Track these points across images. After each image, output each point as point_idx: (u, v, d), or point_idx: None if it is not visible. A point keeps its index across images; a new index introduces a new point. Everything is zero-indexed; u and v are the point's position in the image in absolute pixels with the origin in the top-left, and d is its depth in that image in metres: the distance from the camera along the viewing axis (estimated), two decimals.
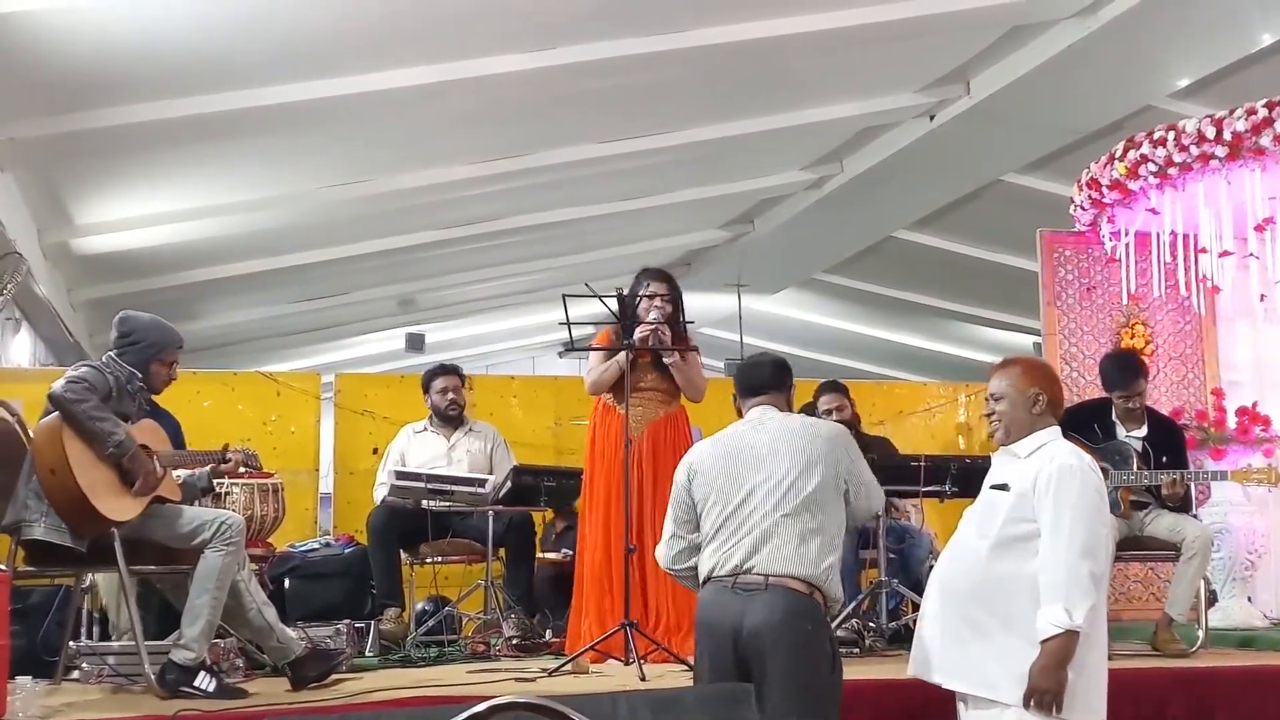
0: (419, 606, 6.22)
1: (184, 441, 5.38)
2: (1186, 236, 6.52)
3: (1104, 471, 3.49)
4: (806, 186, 10.42)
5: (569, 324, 5.11)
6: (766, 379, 3.87)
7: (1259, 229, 6.24)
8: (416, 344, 13.55)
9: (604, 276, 7.42)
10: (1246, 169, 6.00)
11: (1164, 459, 5.45)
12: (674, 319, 5.30)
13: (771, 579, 3.47)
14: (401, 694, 4.11)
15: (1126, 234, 6.66)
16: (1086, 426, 5.44)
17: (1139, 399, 5.63)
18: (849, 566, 5.47)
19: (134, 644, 4.44)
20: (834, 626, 4.46)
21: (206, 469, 4.78)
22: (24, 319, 8.75)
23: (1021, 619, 3.24)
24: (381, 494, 6.09)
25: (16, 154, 6.79)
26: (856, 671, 4.32)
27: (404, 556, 6.03)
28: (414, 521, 5.89)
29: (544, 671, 4.65)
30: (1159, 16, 6.91)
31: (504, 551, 6.01)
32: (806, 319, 14.72)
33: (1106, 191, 6.51)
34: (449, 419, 6.36)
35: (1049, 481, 3.28)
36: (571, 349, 5.40)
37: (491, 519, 5.80)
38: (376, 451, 7.01)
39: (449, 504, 5.85)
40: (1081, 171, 6.81)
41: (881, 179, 9.74)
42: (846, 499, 3.69)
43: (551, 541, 6.86)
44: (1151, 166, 6.20)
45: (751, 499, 3.58)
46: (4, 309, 7.62)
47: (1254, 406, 6.86)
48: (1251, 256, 6.36)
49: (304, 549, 6.25)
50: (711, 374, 6.05)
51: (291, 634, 4.53)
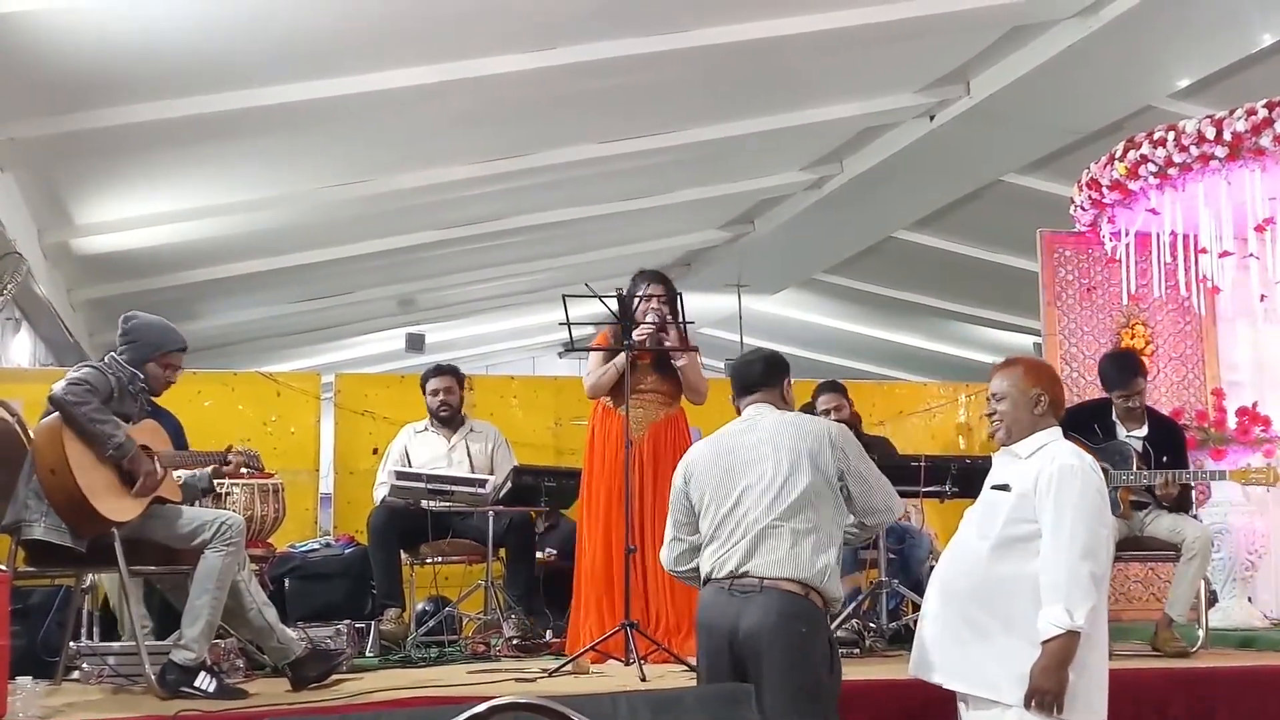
0: (419, 607, 6.23)
1: (186, 441, 5.39)
2: (1186, 237, 6.52)
3: (1104, 472, 3.48)
4: (807, 187, 10.41)
5: (569, 324, 5.10)
6: (758, 377, 3.84)
7: (1259, 229, 6.23)
8: (416, 344, 13.54)
9: (604, 277, 7.40)
10: (1246, 169, 6.00)
11: (1164, 459, 5.44)
12: (672, 320, 5.30)
13: (766, 582, 3.47)
14: (402, 694, 4.11)
15: (1127, 234, 6.66)
16: (1087, 427, 5.43)
17: (1139, 398, 5.63)
18: (849, 567, 5.47)
19: (134, 644, 4.44)
20: (834, 627, 4.47)
21: (208, 470, 4.77)
22: (24, 319, 8.75)
23: (1022, 619, 3.23)
24: (382, 494, 6.09)
25: (17, 154, 6.78)
26: (857, 672, 4.33)
27: (404, 557, 6.03)
28: (414, 522, 5.89)
29: (544, 672, 4.65)
30: (1159, 17, 6.91)
31: (504, 552, 6.01)
32: (807, 319, 14.71)
33: (1107, 192, 6.51)
34: (442, 420, 6.36)
35: (1050, 482, 3.28)
36: (571, 349, 5.40)
37: (492, 519, 5.80)
38: (376, 452, 7.01)
39: (449, 504, 5.85)
40: (1081, 172, 6.80)
41: (882, 179, 9.74)
42: (847, 496, 3.64)
43: (534, 541, 6.84)
44: (1151, 167, 6.19)
45: (744, 500, 3.57)
46: (4, 309, 7.62)
47: (1254, 407, 6.86)
48: (1251, 257, 6.36)
49: (304, 549, 6.26)
50: (711, 374, 6.04)
51: (292, 634, 4.54)
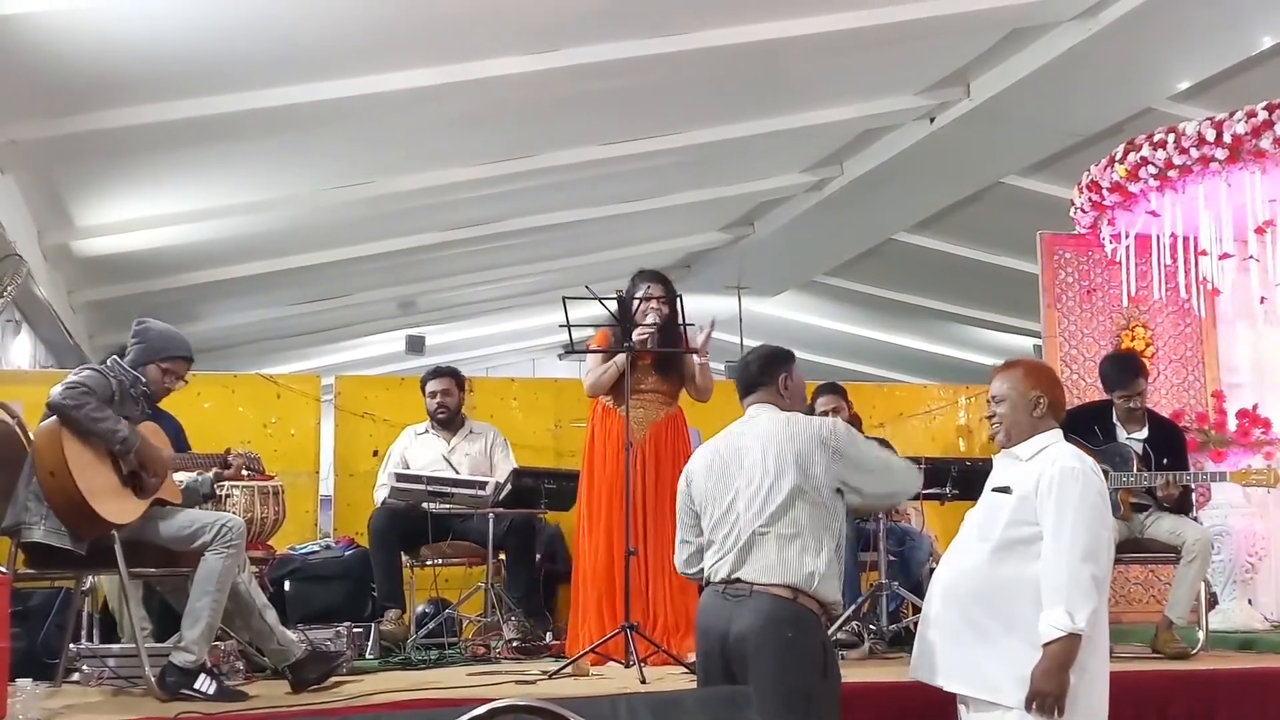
0: (419, 609, 6.22)
1: (186, 443, 5.39)
2: (1187, 239, 6.52)
3: (1104, 473, 3.48)
4: (807, 189, 10.42)
5: (569, 326, 5.10)
6: (754, 375, 3.79)
7: (1259, 231, 6.24)
8: (417, 346, 13.55)
9: (605, 279, 7.39)
10: (1246, 171, 6.01)
11: (1165, 461, 5.44)
12: (671, 320, 5.29)
13: (756, 587, 3.46)
14: (402, 696, 4.11)
15: (1127, 236, 6.66)
16: (1087, 429, 5.43)
17: (1139, 399, 5.63)
18: (849, 569, 5.46)
19: (134, 646, 4.44)
20: (833, 629, 4.46)
21: (210, 475, 4.77)
22: (24, 321, 8.75)
23: (1023, 622, 3.23)
24: (382, 496, 6.09)
25: (17, 155, 6.79)
26: (857, 674, 4.34)
27: (404, 559, 6.02)
28: (415, 524, 5.89)
29: (544, 674, 4.64)
30: (1159, 19, 6.91)
31: (504, 554, 6.00)
32: (807, 321, 14.71)
33: (1107, 194, 6.51)
34: (440, 422, 6.36)
35: (1051, 484, 3.28)
36: (572, 351, 5.40)
37: (492, 521, 5.80)
38: (377, 454, 7.00)
39: (449, 506, 5.84)
40: (1082, 174, 6.80)
41: (882, 181, 9.74)
42: (854, 490, 3.57)
43: (535, 544, 6.83)
44: (1151, 169, 6.20)
45: (736, 505, 3.56)
46: (4, 311, 7.62)
47: (1254, 409, 6.86)
48: (1251, 259, 6.36)
49: (304, 551, 6.25)
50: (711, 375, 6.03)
51: (292, 636, 4.54)
